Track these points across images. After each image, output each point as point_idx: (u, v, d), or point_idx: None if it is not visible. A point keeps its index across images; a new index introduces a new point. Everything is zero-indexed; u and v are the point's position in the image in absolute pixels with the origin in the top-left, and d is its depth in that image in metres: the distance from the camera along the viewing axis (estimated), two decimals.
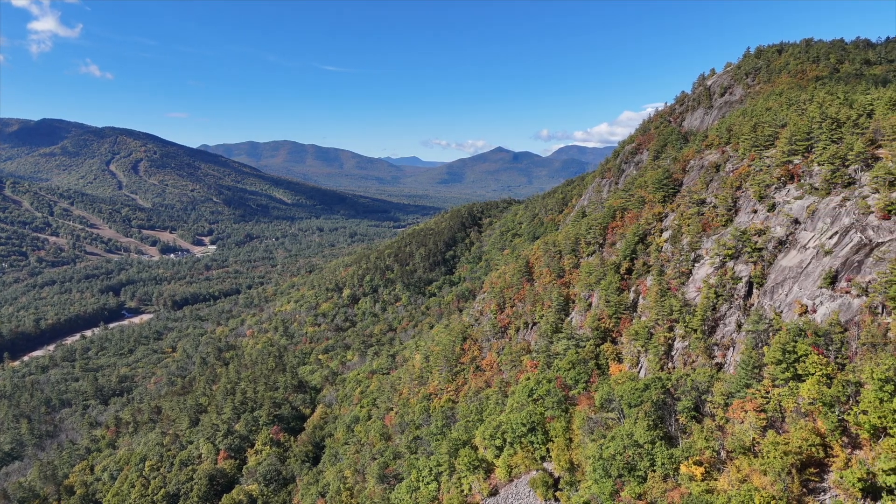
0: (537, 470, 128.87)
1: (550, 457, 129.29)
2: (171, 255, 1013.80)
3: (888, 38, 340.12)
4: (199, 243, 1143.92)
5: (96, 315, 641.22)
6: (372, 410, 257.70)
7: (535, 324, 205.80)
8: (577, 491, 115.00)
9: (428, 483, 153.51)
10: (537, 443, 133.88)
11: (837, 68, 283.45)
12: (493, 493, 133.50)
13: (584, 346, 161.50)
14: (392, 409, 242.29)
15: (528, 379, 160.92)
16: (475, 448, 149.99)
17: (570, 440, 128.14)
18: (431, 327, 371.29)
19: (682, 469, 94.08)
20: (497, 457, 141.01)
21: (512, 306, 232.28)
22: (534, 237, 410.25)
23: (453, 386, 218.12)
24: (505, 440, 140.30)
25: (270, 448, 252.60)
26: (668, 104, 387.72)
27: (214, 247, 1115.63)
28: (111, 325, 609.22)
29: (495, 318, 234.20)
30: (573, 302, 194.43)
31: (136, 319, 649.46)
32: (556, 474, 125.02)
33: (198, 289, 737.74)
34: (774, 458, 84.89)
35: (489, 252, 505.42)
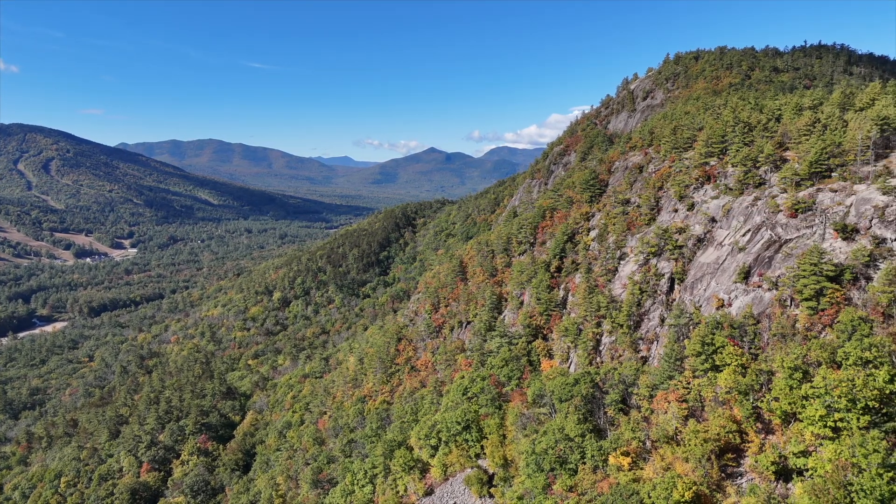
0: (472, 467, 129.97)
1: (485, 454, 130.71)
2: (88, 260, 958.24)
3: (794, 47, 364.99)
4: (119, 246, 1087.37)
5: (4, 324, 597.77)
6: (305, 415, 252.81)
7: (469, 322, 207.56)
8: (511, 486, 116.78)
9: (363, 486, 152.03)
10: (472, 440, 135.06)
11: (749, 75, 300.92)
12: (429, 492, 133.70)
13: (517, 344, 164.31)
14: (326, 412, 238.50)
15: (463, 377, 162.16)
16: (410, 448, 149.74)
17: (504, 436, 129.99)
18: (366, 329, 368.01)
19: (611, 460, 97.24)
20: (432, 456, 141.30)
21: (446, 306, 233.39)
22: (467, 237, 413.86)
23: (388, 387, 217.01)
24: (440, 439, 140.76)
25: (198, 458, 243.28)
26: (594, 107, 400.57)
27: (135, 250, 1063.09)
28: (21, 335, 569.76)
29: (430, 317, 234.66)
30: (506, 300, 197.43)
31: (49, 328, 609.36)
32: (491, 471, 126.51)
33: (117, 294, 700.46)
34: (695, 445, 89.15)
35: (423, 252, 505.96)
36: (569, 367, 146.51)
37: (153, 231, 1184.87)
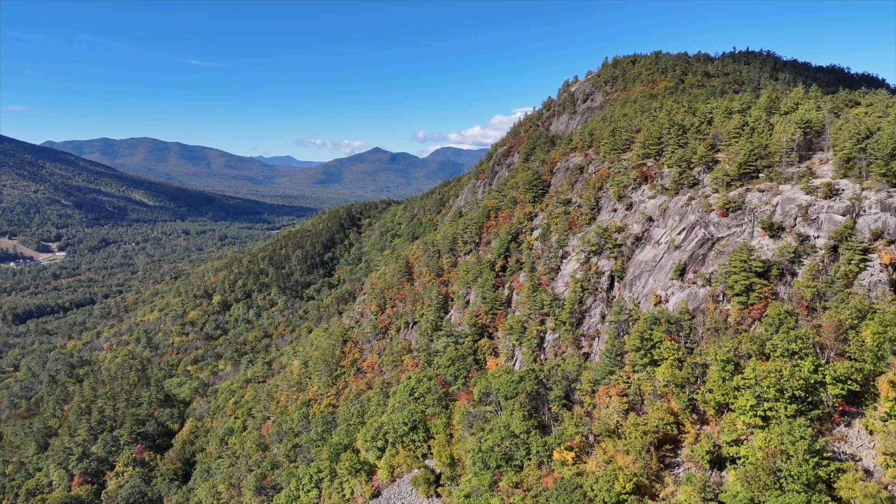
0: (419, 468, 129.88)
1: (432, 454, 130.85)
2: (11, 264, 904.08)
3: (724, 53, 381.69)
4: (46, 250, 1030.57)
5: None
6: (247, 421, 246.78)
7: (415, 323, 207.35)
8: (458, 485, 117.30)
9: (308, 491, 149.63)
10: (419, 441, 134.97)
11: (683, 79, 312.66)
12: (376, 494, 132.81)
13: (463, 343, 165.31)
14: (269, 418, 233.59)
15: (410, 378, 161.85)
16: (357, 451, 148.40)
17: (451, 436, 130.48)
18: (310, 332, 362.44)
19: (555, 455, 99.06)
20: (379, 458, 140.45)
21: (393, 306, 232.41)
22: (413, 237, 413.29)
23: (334, 390, 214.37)
24: (387, 441, 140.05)
25: (134, 469, 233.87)
26: (536, 109, 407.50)
27: (63, 253, 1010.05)
28: None
29: (376, 319, 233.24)
30: (452, 300, 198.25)
31: None
32: (438, 470, 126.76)
33: (44, 300, 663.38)
34: (635, 438, 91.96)
35: (369, 253, 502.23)
36: (514, 365, 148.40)
37: (83, 233, 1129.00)
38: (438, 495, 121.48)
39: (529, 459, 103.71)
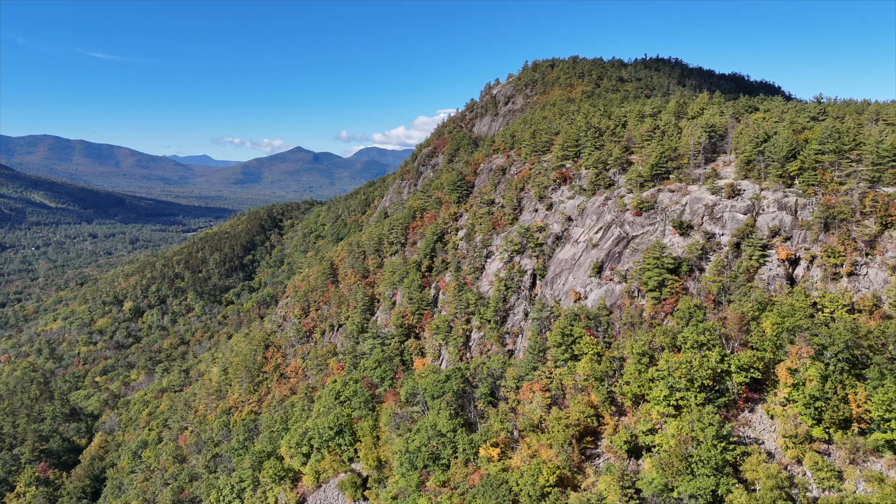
0: (346, 472, 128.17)
1: (359, 457, 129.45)
2: None
3: (636, 59, 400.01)
4: None
5: None
6: (163, 432, 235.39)
7: (340, 325, 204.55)
8: (385, 487, 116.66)
9: (230, 502, 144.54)
10: (345, 444, 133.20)
11: (599, 84, 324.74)
12: (301, 501, 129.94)
13: (390, 344, 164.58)
14: (187, 428, 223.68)
15: (335, 381, 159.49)
16: (281, 458, 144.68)
17: (378, 438, 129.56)
18: (230, 337, 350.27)
19: (482, 452, 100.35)
20: (304, 464, 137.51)
21: (317, 309, 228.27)
22: (338, 238, 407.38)
23: (256, 397, 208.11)
24: (312, 446, 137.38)
25: (37, 489, 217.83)
26: (460, 110, 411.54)
27: None
28: None
29: (300, 322, 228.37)
30: (378, 301, 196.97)
31: None
32: (365, 473, 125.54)
33: None
34: (558, 431, 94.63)
35: (292, 255, 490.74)
36: (440, 365, 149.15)
37: None
38: (366, 499, 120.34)
39: (456, 458, 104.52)
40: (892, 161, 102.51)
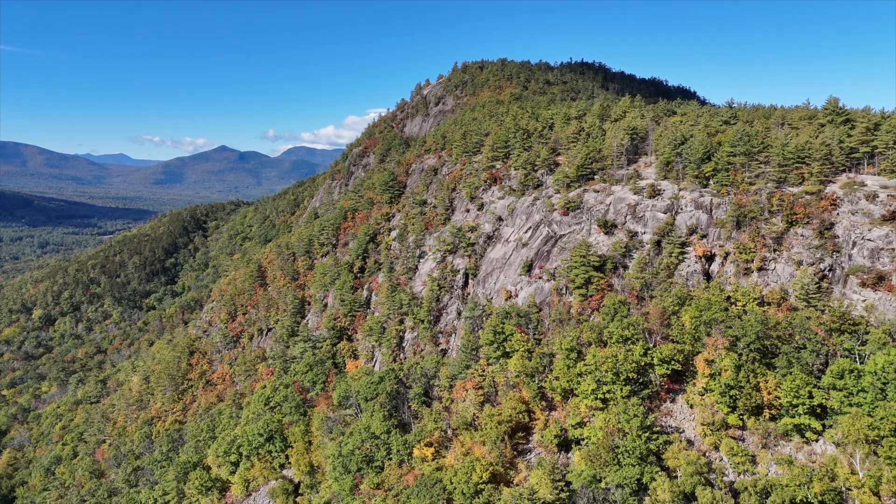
0: (277, 479, 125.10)
1: (290, 463, 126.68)
2: None
3: (562, 62, 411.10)
4: None
5: None
6: (79, 446, 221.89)
7: (270, 329, 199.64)
8: (318, 493, 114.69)
9: None
10: (276, 451, 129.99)
11: (526, 86, 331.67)
12: None
13: (321, 347, 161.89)
14: (105, 441, 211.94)
15: (265, 387, 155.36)
16: (208, 468, 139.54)
17: (310, 443, 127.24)
18: (151, 344, 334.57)
19: (416, 452, 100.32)
20: (233, 473, 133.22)
21: (245, 313, 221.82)
22: (266, 240, 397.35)
23: (180, 405, 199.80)
24: (241, 454, 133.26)
25: None
26: (391, 110, 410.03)
27: None
28: None
29: (226, 327, 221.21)
30: (309, 303, 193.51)
31: None
32: (297, 480, 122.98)
33: None
34: (491, 428, 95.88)
35: (217, 258, 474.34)
36: (374, 366, 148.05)
37: None
38: None
39: (390, 459, 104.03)
40: (797, 163, 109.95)
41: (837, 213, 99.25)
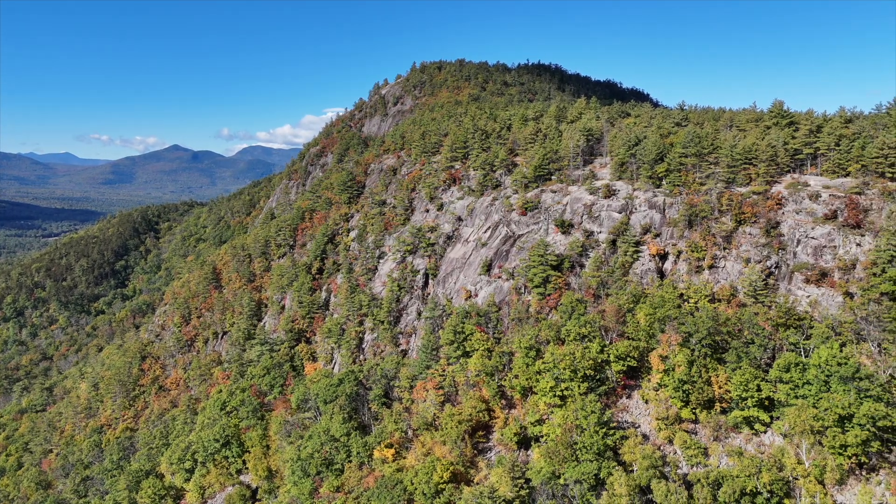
0: (234, 485, 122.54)
1: (247, 468, 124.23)
2: None
3: (519, 64, 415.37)
4: None
5: None
6: (24, 457, 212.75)
7: (225, 333, 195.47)
8: (276, 498, 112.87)
9: None
10: (233, 456, 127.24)
11: (484, 87, 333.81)
12: None
13: (279, 350, 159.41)
14: (52, 450, 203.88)
15: (221, 391, 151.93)
16: (161, 476, 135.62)
17: (268, 447, 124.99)
18: (100, 350, 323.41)
19: (376, 454, 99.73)
20: (188, 480, 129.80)
21: (199, 316, 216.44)
22: (221, 241, 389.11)
23: (131, 412, 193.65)
24: (196, 460, 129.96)
25: None
26: (349, 110, 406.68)
27: None
28: None
29: (180, 331, 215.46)
30: (266, 306, 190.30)
31: None
32: (255, 485, 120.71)
33: None
34: (451, 428, 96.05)
35: (170, 260, 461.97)
36: (333, 368, 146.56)
37: None
38: None
39: (350, 461, 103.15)
40: (745, 163, 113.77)
41: (783, 213, 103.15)
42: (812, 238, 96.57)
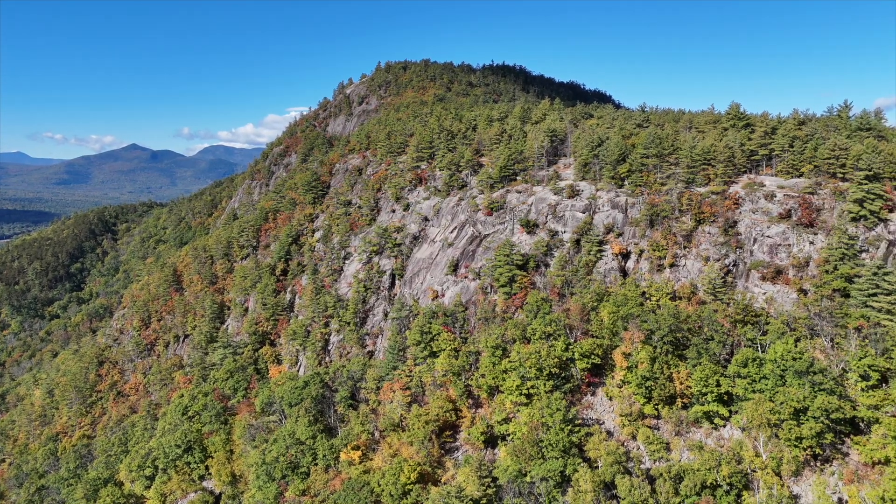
0: (196, 491, 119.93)
1: (210, 474, 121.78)
2: None
3: (484, 65, 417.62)
4: None
5: None
6: None
7: (187, 336, 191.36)
8: (240, 503, 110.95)
9: None
10: (195, 462, 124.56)
11: (450, 87, 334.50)
12: None
13: (243, 353, 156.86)
14: (4, 460, 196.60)
15: (182, 396, 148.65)
16: (120, 484, 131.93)
17: (232, 452, 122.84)
18: (55, 355, 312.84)
19: (342, 456, 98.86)
20: (148, 487, 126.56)
21: (159, 320, 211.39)
22: (181, 243, 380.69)
23: (88, 419, 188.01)
24: (157, 467, 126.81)
25: None
26: (313, 109, 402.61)
27: None
28: None
29: (139, 335, 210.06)
30: (229, 308, 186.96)
31: None
32: (218, 491, 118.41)
33: None
34: (418, 428, 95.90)
35: (128, 262, 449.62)
36: (298, 371, 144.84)
37: None
38: None
39: (316, 465, 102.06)
40: (703, 164, 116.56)
41: (740, 212, 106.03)
42: (768, 237, 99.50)
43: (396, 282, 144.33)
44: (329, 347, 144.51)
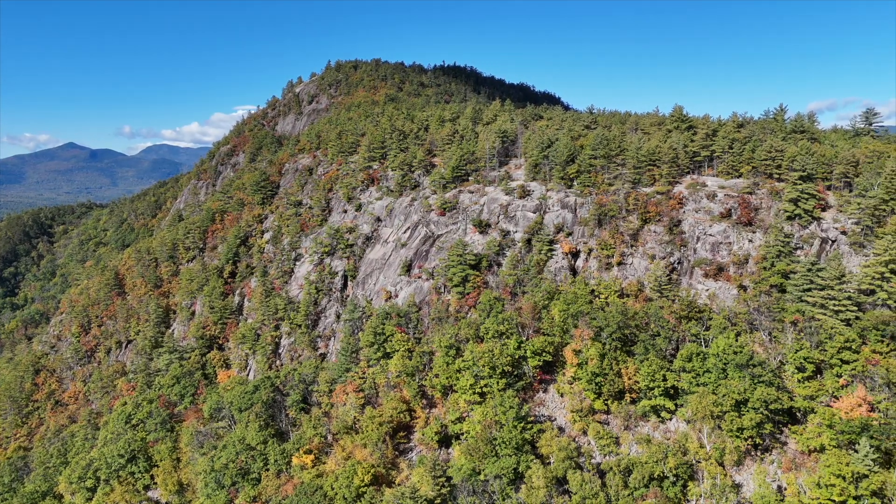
0: (141, 502, 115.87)
1: (157, 484, 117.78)
2: None
3: (436, 65, 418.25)
4: None
5: None
6: None
7: (130, 341, 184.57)
8: None
9: None
10: (139, 472, 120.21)
11: (401, 87, 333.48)
12: None
13: (189, 358, 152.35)
14: None
15: (125, 404, 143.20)
16: (60, 497, 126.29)
17: (179, 460, 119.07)
18: None
19: (294, 461, 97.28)
20: (90, 500, 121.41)
21: (100, 325, 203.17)
22: (124, 245, 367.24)
23: (24, 430, 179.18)
24: (99, 478, 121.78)
25: None
26: (261, 107, 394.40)
27: None
28: None
29: (79, 341, 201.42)
30: (174, 312, 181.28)
31: None
32: (164, 500, 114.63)
33: None
34: (372, 430, 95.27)
35: (66, 265, 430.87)
36: (248, 375, 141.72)
37: None
38: None
39: (267, 470, 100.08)
40: (649, 165, 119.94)
41: (684, 211, 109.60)
42: (710, 235, 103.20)
43: (349, 283, 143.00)
44: (280, 351, 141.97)
